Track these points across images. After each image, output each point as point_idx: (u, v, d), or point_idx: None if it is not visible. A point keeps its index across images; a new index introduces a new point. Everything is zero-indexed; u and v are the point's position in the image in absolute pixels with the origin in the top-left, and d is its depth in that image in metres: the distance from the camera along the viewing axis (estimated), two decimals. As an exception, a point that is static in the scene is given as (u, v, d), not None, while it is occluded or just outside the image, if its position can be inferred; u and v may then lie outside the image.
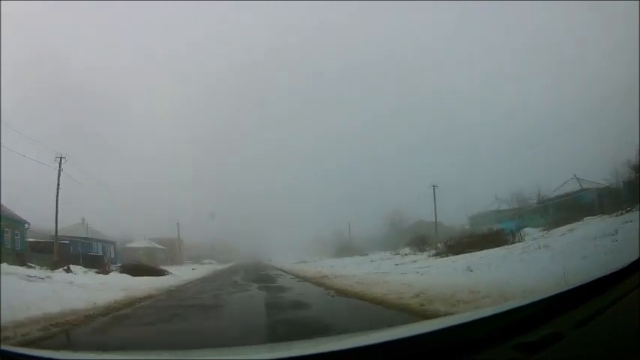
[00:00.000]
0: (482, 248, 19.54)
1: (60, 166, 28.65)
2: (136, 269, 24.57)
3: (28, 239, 30.17)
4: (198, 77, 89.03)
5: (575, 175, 32.56)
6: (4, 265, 17.44)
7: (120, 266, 27.96)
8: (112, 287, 14.80)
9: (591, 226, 16.42)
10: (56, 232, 29.00)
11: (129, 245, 47.90)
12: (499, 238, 21.99)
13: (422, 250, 30.26)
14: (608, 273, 2.46)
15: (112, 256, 40.68)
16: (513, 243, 20.16)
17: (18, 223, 29.11)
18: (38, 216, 30.15)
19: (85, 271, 23.18)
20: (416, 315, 6.89)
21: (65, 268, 22.56)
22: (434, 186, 39.02)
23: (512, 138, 45.14)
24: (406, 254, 30.60)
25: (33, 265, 23.09)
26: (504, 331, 1.84)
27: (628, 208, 18.05)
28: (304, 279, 19.47)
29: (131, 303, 11.55)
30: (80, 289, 12.79)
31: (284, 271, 28.01)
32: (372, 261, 29.03)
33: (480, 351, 1.69)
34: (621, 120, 26.64)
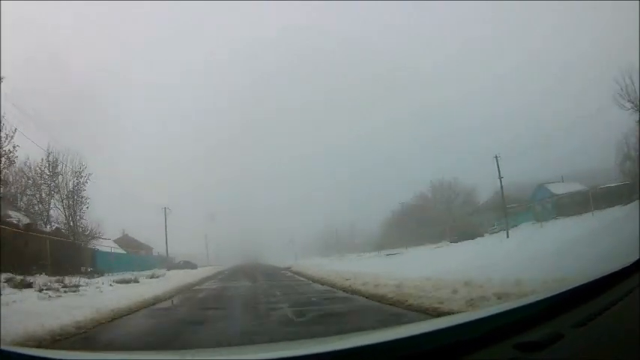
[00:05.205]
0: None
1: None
2: None
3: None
4: (206, 86, 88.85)
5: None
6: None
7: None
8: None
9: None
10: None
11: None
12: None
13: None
14: (608, 273, 2.47)
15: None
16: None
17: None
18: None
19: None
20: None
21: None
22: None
23: (513, 138, 45.01)
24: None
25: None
26: (504, 330, 1.84)
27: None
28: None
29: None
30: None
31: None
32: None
33: (480, 350, 1.69)
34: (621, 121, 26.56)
